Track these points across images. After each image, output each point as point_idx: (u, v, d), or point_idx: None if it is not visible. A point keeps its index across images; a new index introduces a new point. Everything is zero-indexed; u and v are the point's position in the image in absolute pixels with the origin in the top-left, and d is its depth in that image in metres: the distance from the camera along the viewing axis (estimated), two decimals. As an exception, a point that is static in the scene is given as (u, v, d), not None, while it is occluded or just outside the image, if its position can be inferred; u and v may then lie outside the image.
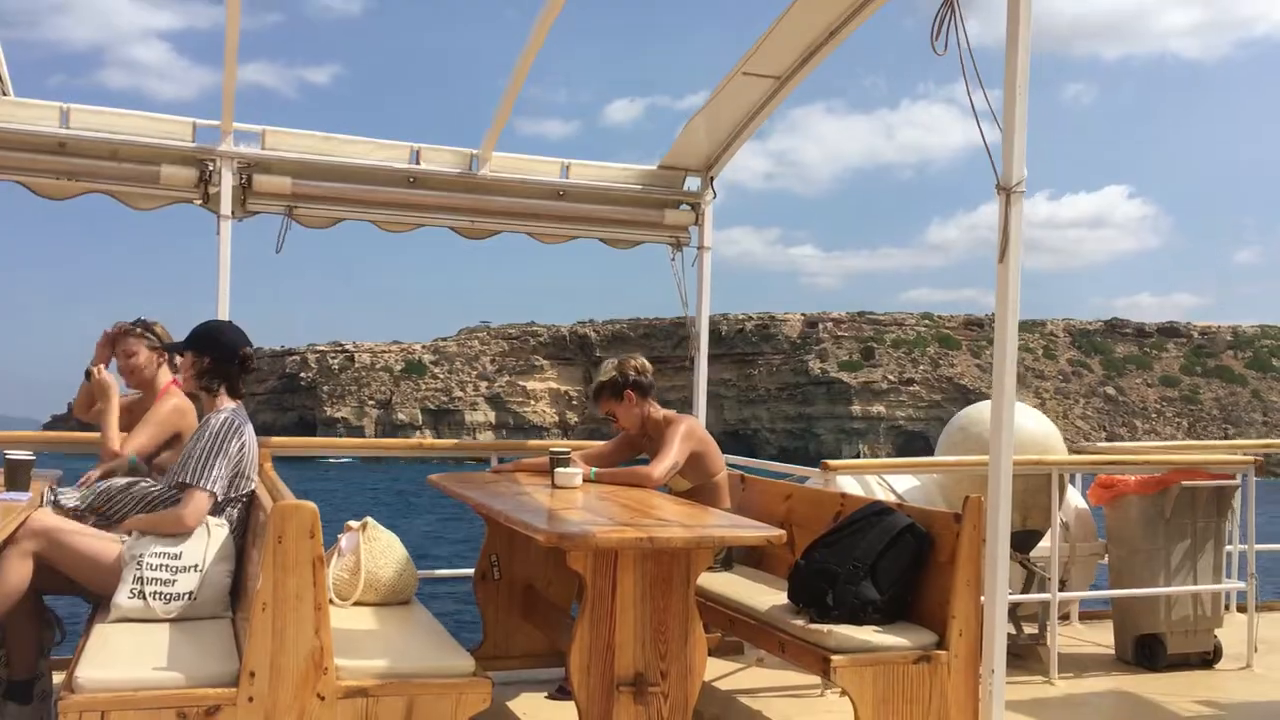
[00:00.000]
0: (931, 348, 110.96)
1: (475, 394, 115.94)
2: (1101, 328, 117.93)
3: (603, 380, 5.05)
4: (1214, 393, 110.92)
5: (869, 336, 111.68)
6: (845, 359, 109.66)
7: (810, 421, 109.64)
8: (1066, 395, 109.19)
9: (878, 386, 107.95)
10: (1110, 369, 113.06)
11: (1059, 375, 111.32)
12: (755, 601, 4.25)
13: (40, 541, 3.75)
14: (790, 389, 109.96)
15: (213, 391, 4.06)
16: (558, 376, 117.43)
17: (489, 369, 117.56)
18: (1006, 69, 3.64)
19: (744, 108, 5.72)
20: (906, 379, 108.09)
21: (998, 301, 3.73)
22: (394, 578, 4.12)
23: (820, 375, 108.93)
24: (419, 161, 5.78)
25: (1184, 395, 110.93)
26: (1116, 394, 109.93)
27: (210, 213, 5.39)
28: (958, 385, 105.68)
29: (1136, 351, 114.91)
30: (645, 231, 6.26)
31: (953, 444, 5.92)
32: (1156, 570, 5.64)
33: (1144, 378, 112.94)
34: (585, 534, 3.44)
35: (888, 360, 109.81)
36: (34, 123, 5.13)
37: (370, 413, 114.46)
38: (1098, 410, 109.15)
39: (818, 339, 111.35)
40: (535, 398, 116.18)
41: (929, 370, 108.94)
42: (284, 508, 3.09)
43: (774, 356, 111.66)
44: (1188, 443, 7.39)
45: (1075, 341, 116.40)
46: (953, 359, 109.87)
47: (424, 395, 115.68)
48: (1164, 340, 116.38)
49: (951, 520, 3.84)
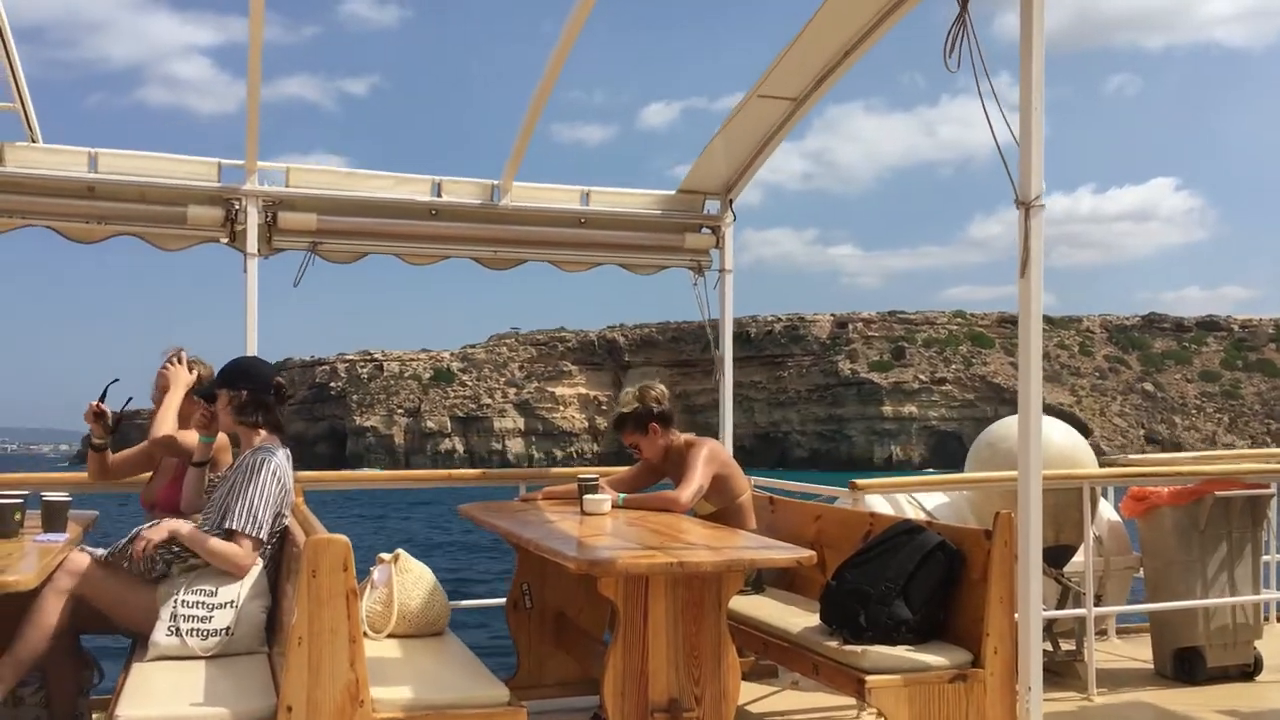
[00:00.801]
0: (964, 346, 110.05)
1: (504, 401, 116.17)
2: (1139, 323, 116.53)
3: (625, 413, 5.06)
4: (1255, 387, 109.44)
5: (900, 336, 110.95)
6: (876, 359, 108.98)
7: (841, 423, 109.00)
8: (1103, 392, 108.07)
9: (909, 386, 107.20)
10: (1148, 364, 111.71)
11: (1095, 372, 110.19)
12: (788, 624, 4.24)
13: (77, 581, 3.79)
14: (820, 390, 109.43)
15: (252, 425, 4.08)
16: (586, 382, 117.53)
17: (517, 376, 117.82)
18: (1021, 84, 3.65)
19: (761, 130, 5.75)
20: (938, 378, 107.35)
21: (1020, 315, 3.73)
22: (426, 609, 4.14)
23: (850, 376, 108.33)
24: (440, 194, 5.83)
25: (1224, 390, 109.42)
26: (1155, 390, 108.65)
27: (237, 251, 5.46)
28: (991, 384, 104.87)
29: (1175, 346, 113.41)
30: (666, 256, 6.28)
31: (981, 460, 5.90)
32: (1193, 582, 5.59)
33: (1183, 373, 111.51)
34: (615, 560, 3.45)
35: (919, 360, 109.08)
36: (63, 168, 5.22)
37: (399, 421, 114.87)
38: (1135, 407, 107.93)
39: (848, 339, 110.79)
40: (564, 404, 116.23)
41: (961, 369, 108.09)
42: (317, 542, 3.12)
43: (804, 358, 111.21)
44: (1219, 452, 7.31)
45: (1112, 337, 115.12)
46: (986, 357, 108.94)
47: (452, 403, 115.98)
48: (1204, 334, 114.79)
49: (982, 537, 3.82)
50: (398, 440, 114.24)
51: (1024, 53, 3.63)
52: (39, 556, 3.65)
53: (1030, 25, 3.61)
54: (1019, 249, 3.70)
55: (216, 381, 4.20)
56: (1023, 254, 3.69)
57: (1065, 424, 6.08)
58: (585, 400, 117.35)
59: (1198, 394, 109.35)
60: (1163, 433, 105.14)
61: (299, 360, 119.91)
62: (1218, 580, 5.60)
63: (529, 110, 5.41)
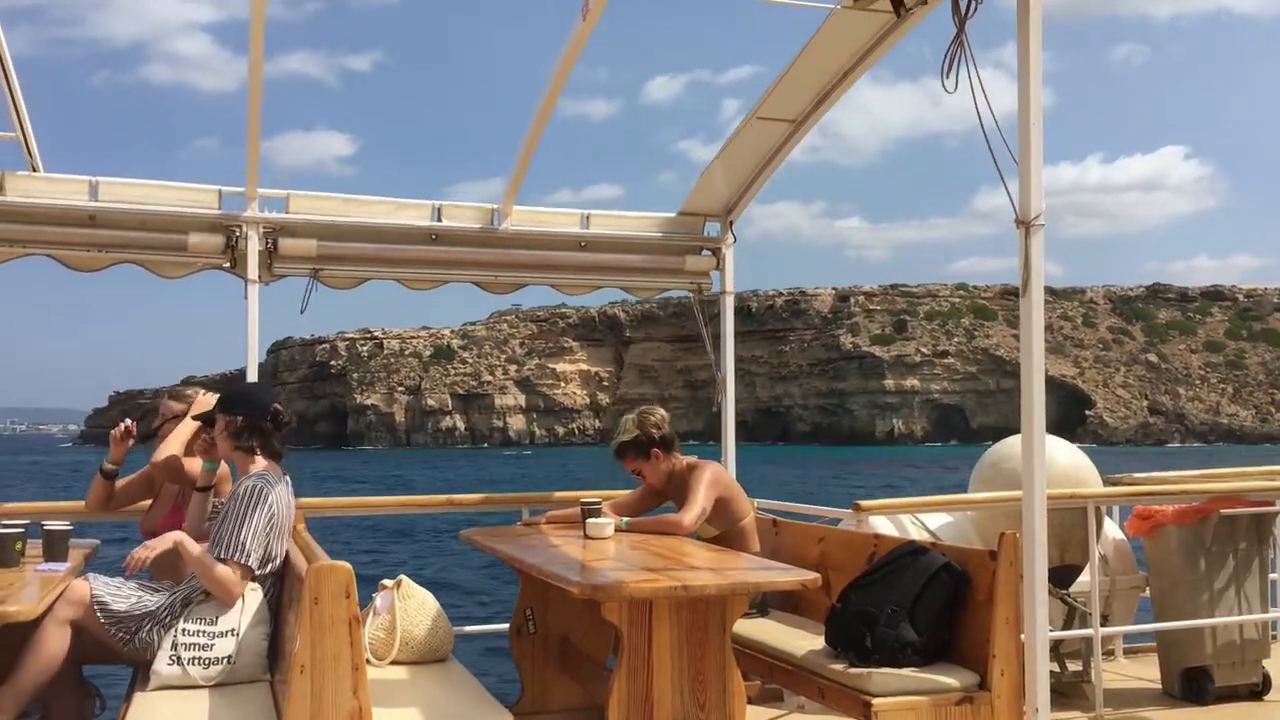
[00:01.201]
0: (966, 319, 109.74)
1: (505, 378, 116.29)
2: (1143, 293, 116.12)
3: (625, 440, 5.03)
4: (1260, 357, 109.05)
5: (902, 309, 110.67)
6: (878, 333, 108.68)
7: (843, 397, 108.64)
8: (1106, 364, 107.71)
9: (911, 360, 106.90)
10: (1152, 335, 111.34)
11: (1099, 343, 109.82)
12: (793, 647, 4.21)
13: (79, 611, 3.77)
14: (822, 364, 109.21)
15: (248, 451, 4.07)
16: (588, 358, 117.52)
17: (518, 352, 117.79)
18: (1020, 104, 3.66)
19: (760, 152, 5.77)
20: (940, 351, 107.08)
21: (1022, 334, 3.72)
22: (429, 636, 4.12)
23: (852, 350, 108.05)
24: (440, 218, 5.84)
25: (1229, 360, 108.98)
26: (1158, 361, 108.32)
27: (238, 278, 5.47)
28: (993, 356, 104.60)
29: (1180, 317, 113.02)
30: (667, 279, 6.29)
31: (985, 480, 5.87)
32: (1199, 601, 5.56)
33: (1187, 343, 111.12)
34: (619, 584, 3.44)
35: (921, 333, 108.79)
36: (64, 197, 5.24)
37: (400, 399, 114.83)
38: (1139, 378, 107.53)
39: (849, 313, 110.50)
40: (566, 380, 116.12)
41: (964, 342, 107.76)
42: (319, 569, 3.11)
43: (805, 332, 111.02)
44: (1224, 470, 7.29)
45: (1116, 308, 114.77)
46: (988, 329, 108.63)
47: (453, 380, 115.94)
48: (1208, 304, 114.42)
49: (987, 558, 3.80)
50: (398, 418, 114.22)
51: (1021, 73, 3.64)
52: (40, 586, 3.64)
53: (1027, 45, 3.63)
54: (1020, 268, 3.70)
55: (215, 407, 4.20)
56: (1024, 273, 3.69)
57: (1068, 443, 6.06)
58: (587, 376, 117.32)
59: (1202, 364, 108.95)
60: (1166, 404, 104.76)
61: (299, 339, 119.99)
62: (1225, 599, 5.57)
63: (526, 139, 5.43)
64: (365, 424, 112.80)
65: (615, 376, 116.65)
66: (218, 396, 4.29)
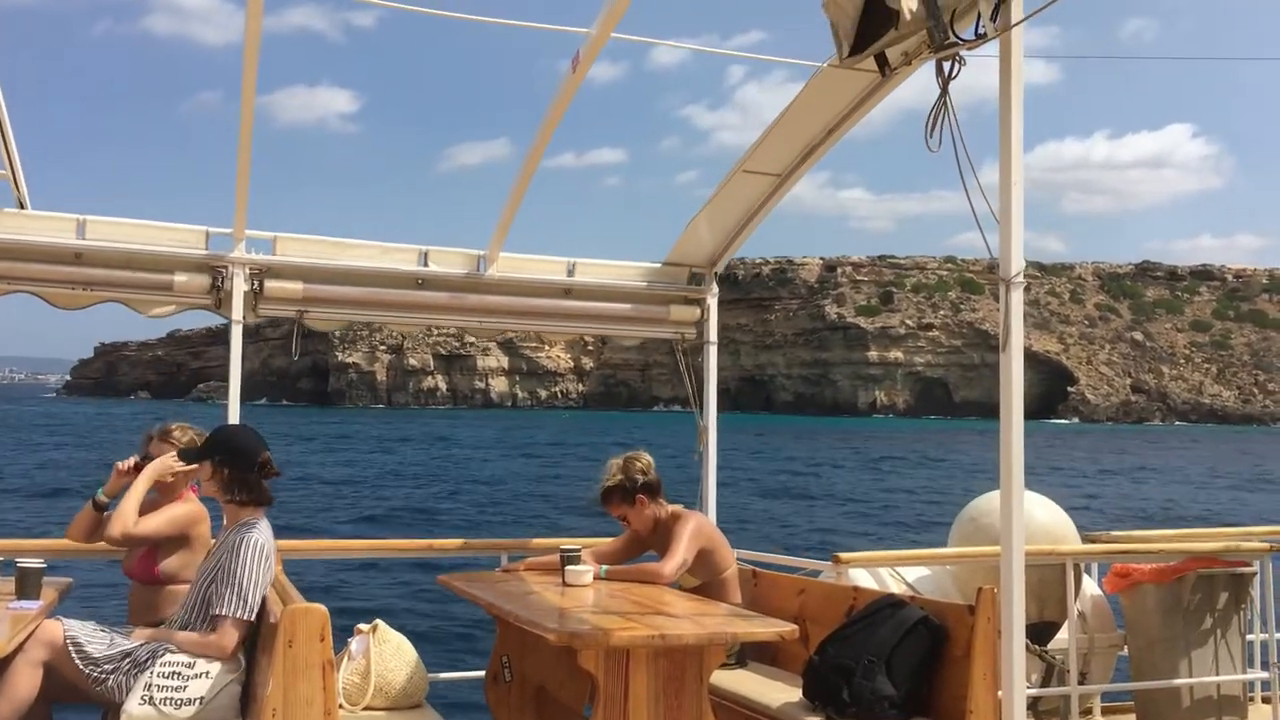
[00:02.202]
0: (954, 292, 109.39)
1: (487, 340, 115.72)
2: (1132, 271, 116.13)
3: (610, 485, 5.02)
4: (1245, 337, 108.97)
5: (889, 281, 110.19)
6: (863, 304, 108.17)
7: (827, 367, 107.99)
8: (1091, 340, 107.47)
9: (895, 332, 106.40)
10: (1139, 313, 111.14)
11: (1085, 320, 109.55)
12: (770, 699, 4.19)
13: (50, 651, 3.73)
14: (807, 334, 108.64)
15: (238, 503, 4.02)
16: None
17: None
18: (1001, 162, 3.73)
19: (745, 205, 5.83)
20: (925, 324, 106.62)
21: (1001, 389, 3.75)
22: (405, 682, 4.08)
23: (836, 320, 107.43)
24: (427, 263, 5.87)
25: (1214, 340, 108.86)
26: (1144, 339, 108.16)
27: (223, 318, 5.47)
28: (978, 330, 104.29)
29: (1168, 295, 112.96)
30: (651, 327, 6.32)
31: (964, 535, 5.89)
32: (1176, 660, 5.56)
33: (1174, 322, 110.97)
34: (596, 632, 3.42)
35: (907, 305, 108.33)
36: (51, 234, 5.24)
37: (382, 358, 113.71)
38: (1123, 356, 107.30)
39: (836, 283, 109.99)
40: (550, 344, 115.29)
41: (949, 315, 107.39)
42: (294, 611, 3.09)
43: (791, 301, 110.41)
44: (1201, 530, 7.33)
45: (1104, 285, 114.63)
46: (975, 303, 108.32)
47: (435, 340, 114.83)
48: (1197, 283, 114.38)
49: (965, 613, 3.81)
50: (380, 377, 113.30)
51: (1003, 133, 3.71)
52: (11, 625, 3.60)
53: (1009, 104, 3.70)
54: (1001, 326, 3.75)
55: (201, 450, 4.15)
56: (1004, 330, 3.73)
57: (1047, 499, 6.09)
58: (571, 341, 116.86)
59: (1187, 343, 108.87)
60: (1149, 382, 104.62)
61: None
62: (1202, 659, 5.57)
63: (513, 189, 5.48)
64: (346, 382, 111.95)
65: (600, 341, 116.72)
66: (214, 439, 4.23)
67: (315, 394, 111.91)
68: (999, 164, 3.75)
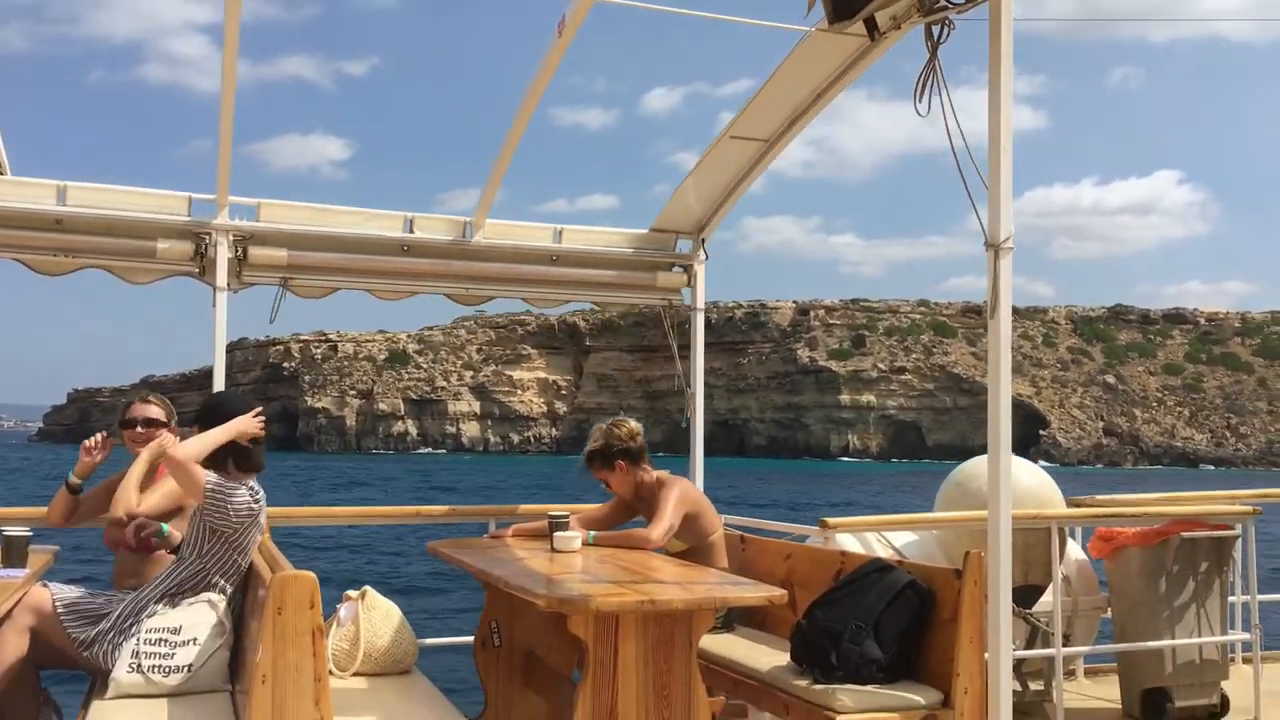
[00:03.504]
0: (926, 335, 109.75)
1: (459, 384, 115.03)
2: (1105, 314, 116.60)
3: (592, 449, 5.06)
4: (1218, 380, 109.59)
5: (861, 324, 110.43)
6: (835, 347, 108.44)
7: (799, 411, 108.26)
8: (1064, 384, 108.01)
9: (867, 375, 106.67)
10: (1111, 356, 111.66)
11: (1057, 363, 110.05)
12: (758, 663, 4.22)
13: (38, 617, 3.72)
14: (780, 378, 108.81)
15: (225, 469, 3.99)
16: (546, 366, 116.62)
17: (475, 359, 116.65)
18: (989, 127, 3.71)
19: (733, 170, 5.80)
20: (898, 367, 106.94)
21: (990, 355, 3.75)
22: (393, 647, 4.09)
23: (809, 364, 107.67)
24: (412, 230, 5.83)
25: (1186, 383, 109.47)
26: (1116, 382, 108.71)
27: (206, 285, 5.43)
28: (950, 374, 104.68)
29: (1140, 338, 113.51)
30: (638, 294, 6.31)
31: (950, 500, 5.91)
32: (1159, 623, 5.61)
33: (1146, 365, 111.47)
34: (586, 598, 3.43)
35: (879, 348, 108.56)
36: (32, 201, 5.18)
37: (351, 403, 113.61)
38: (1095, 399, 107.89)
39: (808, 327, 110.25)
40: (523, 387, 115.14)
41: (921, 358, 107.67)
42: (284, 578, 3.08)
43: (764, 345, 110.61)
44: (1185, 494, 7.38)
45: (1077, 329, 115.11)
46: (947, 347, 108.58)
47: (406, 385, 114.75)
48: (1169, 327, 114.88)
49: (952, 577, 3.83)
50: (349, 422, 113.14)
51: (991, 97, 3.69)
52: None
53: (998, 69, 3.67)
54: (988, 291, 3.74)
55: (197, 417, 4.13)
56: (991, 296, 3.72)
57: (1033, 464, 6.12)
58: (544, 384, 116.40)
59: (1159, 387, 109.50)
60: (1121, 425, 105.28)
61: (253, 340, 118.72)
62: (1184, 621, 5.63)
63: (501, 151, 5.43)
64: (316, 427, 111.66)
65: (574, 385, 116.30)
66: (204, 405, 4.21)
67: (284, 439, 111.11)
68: (987, 129, 3.73)
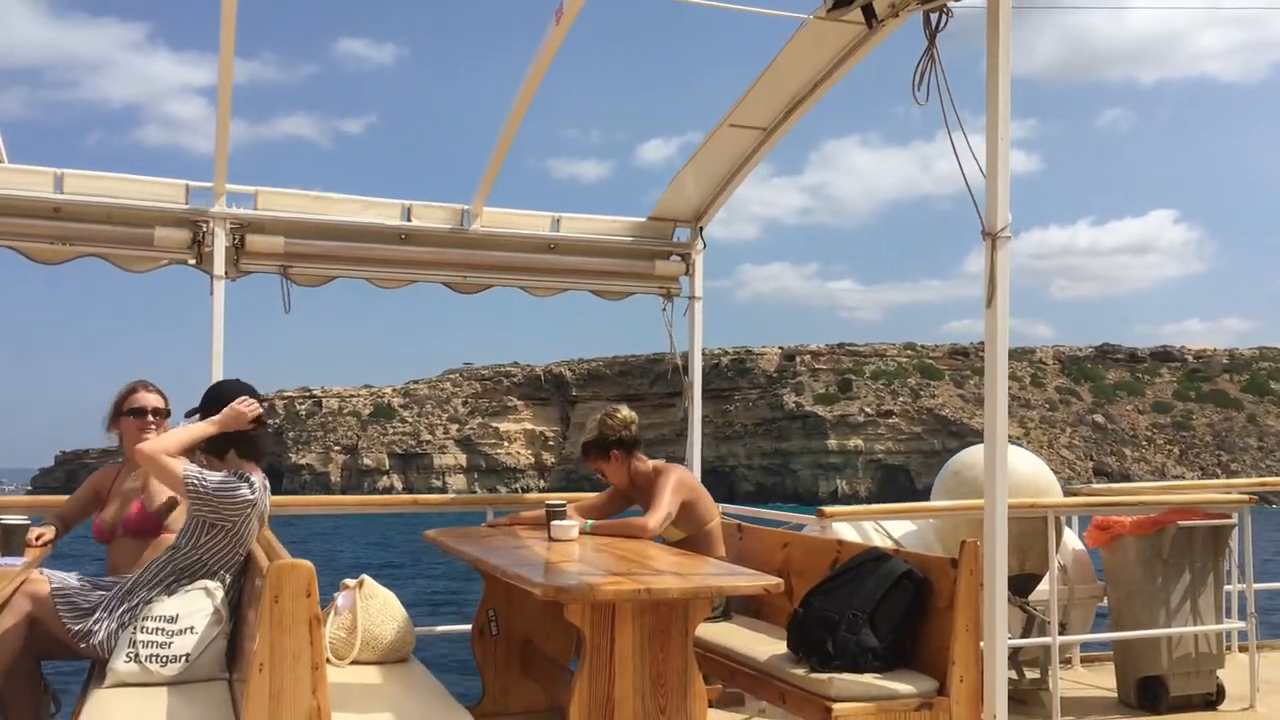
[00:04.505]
0: (913, 379, 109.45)
1: (445, 437, 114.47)
2: (1092, 353, 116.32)
3: (587, 440, 5.11)
4: (1207, 418, 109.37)
5: (848, 369, 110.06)
6: (821, 392, 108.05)
7: (787, 457, 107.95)
8: (1053, 424, 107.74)
9: (854, 419, 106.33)
10: (1100, 395, 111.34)
11: (1046, 404, 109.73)
12: (755, 651, 4.23)
13: (35, 605, 3.73)
14: (766, 424, 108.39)
15: (224, 458, 3.98)
16: (533, 417, 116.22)
17: (461, 411, 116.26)
18: (988, 116, 3.70)
19: (731, 159, 5.79)
20: (885, 410, 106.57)
21: (986, 345, 3.76)
22: (391, 636, 4.10)
23: (795, 409, 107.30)
24: (410, 218, 5.83)
25: (1176, 421, 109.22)
26: (1105, 421, 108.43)
27: (204, 273, 5.43)
28: (938, 416, 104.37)
29: (1128, 377, 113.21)
30: (636, 283, 6.31)
31: (947, 489, 5.92)
32: (1156, 611, 5.63)
33: (1135, 404, 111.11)
34: (583, 586, 3.44)
35: (866, 392, 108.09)
36: (28, 188, 5.17)
37: (336, 459, 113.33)
38: (1084, 439, 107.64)
39: (794, 372, 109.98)
40: (509, 439, 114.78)
41: (909, 402, 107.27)
42: (281, 567, 3.09)
43: (750, 391, 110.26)
44: (1182, 483, 7.41)
45: (1065, 369, 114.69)
46: (934, 389, 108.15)
47: (391, 440, 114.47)
48: (1157, 365, 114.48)
49: (948, 565, 3.84)
50: (334, 478, 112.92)
51: (990, 85, 3.68)
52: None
53: (996, 58, 3.67)
54: (985, 279, 3.74)
55: (201, 406, 4.12)
56: (989, 285, 3.72)
57: (1030, 452, 6.13)
58: (531, 436, 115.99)
59: (1149, 425, 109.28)
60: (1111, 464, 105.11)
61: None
62: (1180, 609, 5.64)
63: (500, 138, 5.43)
64: (300, 484, 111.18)
65: (561, 436, 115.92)
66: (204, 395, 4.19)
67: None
68: (985, 117, 3.72)
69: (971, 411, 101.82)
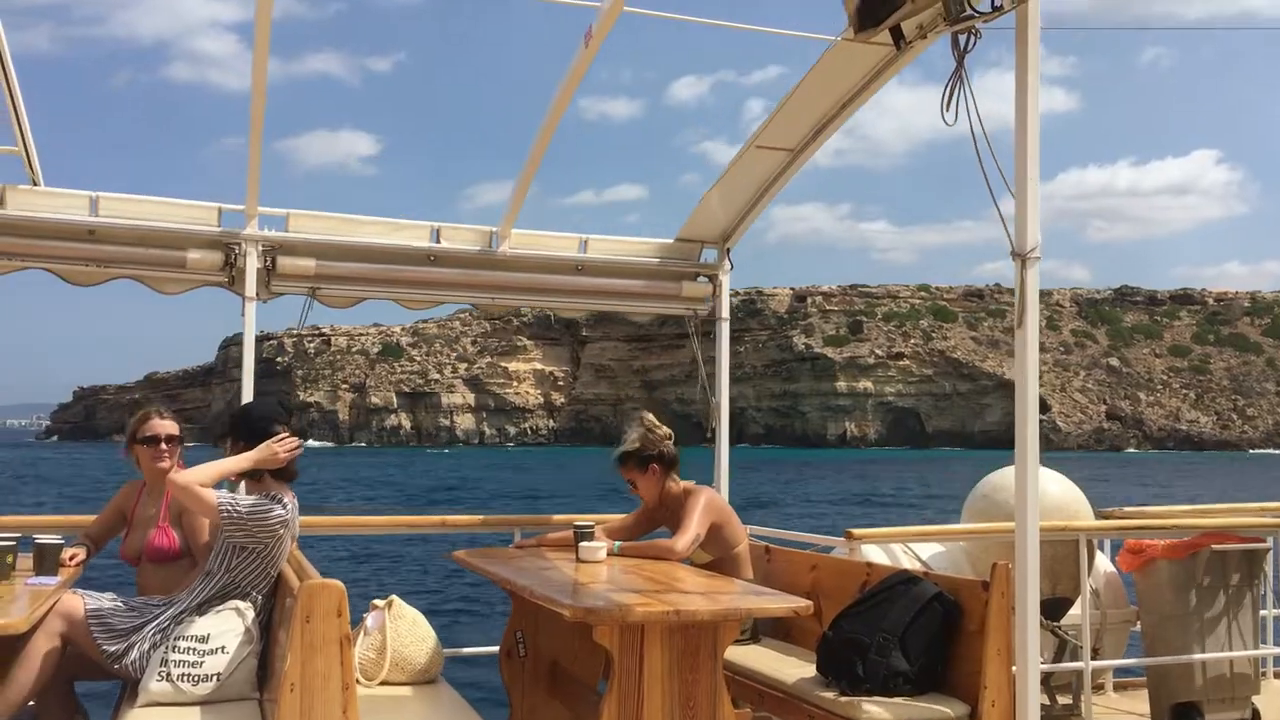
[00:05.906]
0: (925, 320, 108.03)
1: (453, 376, 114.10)
2: (1110, 296, 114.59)
3: (627, 450, 5.05)
4: (1225, 362, 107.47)
5: (859, 310, 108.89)
6: (831, 333, 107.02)
7: (795, 399, 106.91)
8: (1066, 367, 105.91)
9: (864, 361, 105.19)
10: (1116, 339, 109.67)
11: (1060, 347, 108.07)
12: (784, 674, 4.21)
13: (69, 625, 3.76)
14: (776, 365, 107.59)
15: (260, 480, 4.00)
16: (542, 357, 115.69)
17: (469, 350, 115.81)
18: (1016, 135, 3.70)
19: (758, 180, 5.80)
20: (895, 353, 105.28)
21: (1016, 364, 3.74)
22: (419, 656, 4.11)
23: (804, 351, 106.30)
24: (439, 240, 5.86)
25: (1193, 365, 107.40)
26: (1120, 365, 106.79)
27: (236, 295, 5.48)
28: (950, 359, 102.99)
29: (1146, 320, 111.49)
30: (663, 304, 6.31)
31: (976, 511, 5.88)
32: (1190, 636, 5.56)
33: (1152, 347, 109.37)
34: (612, 607, 3.43)
35: (877, 334, 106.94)
36: (64, 211, 5.24)
37: (344, 396, 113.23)
38: (1098, 383, 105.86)
39: (805, 313, 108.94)
40: (518, 379, 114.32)
41: (920, 343, 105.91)
42: (312, 587, 3.10)
43: (760, 332, 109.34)
44: (1215, 506, 7.32)
45: (1082, 311, 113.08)
46: (946, 331, 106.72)
47: (399, 378, 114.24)
48: (1177, 308, 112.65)
49: (979, 588, 3.81)
50: (342, 416, 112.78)
51: (1019, 104, 3.68)
52: (30, 600, 3.63)
53: (1025, 79, 3.66)
54: (1016, 301, 3.72)
55: (227, 427, 4.15)
56: (1019, 306, 3.71)
57: (1061, 475, 6.08)
58: (540, 376, 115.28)
59: (1165, 369, 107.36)
60: (1125, 409, 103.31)
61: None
62: (1215, 634, 5.57)
63: (526, 163, 5.45)
64: (308, 421, 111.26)
65: (571, 376, 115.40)
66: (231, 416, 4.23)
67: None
68: (1014, 139, 3.71)
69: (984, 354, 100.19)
